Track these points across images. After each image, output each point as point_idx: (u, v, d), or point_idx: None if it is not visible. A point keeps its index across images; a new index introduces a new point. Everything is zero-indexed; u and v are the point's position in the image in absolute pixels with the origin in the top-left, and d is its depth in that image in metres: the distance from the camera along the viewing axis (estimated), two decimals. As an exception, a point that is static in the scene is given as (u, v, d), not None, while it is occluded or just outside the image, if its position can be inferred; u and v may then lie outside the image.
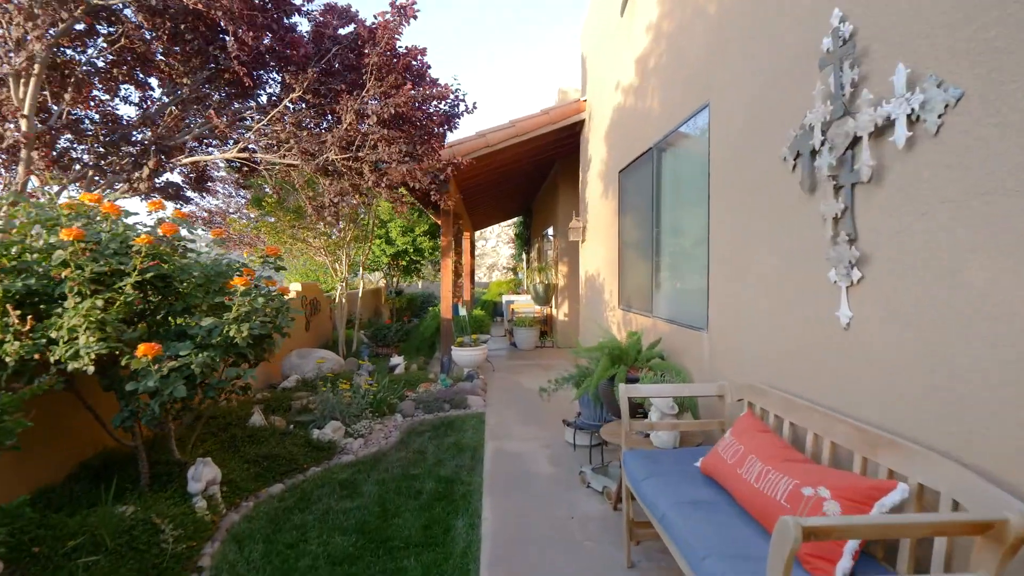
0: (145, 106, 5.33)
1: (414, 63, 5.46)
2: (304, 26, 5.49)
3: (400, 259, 13.59)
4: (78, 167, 5.05)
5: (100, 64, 4.96)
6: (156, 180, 5.40)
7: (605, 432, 3.08)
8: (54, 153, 5.16)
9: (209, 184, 7.75)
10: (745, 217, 2.81)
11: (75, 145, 5.28)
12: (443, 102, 5.68)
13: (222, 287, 3.18)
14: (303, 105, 5.45)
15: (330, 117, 5.63)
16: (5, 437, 1.98)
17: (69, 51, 4.89)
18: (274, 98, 5.59)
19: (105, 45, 4.83)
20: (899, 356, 1.74)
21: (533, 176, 11.05)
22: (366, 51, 5.41)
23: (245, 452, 4.05)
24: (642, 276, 4.72)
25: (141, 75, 5.29)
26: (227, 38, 4.46)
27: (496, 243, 31.84)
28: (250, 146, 5.33)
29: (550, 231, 11.13)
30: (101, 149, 4.84)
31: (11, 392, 2.27)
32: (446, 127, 5.94)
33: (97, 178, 5.03)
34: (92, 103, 5.21)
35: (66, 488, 3.24)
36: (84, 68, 4.80)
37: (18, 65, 3.65)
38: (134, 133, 5.02)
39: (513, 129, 7.25)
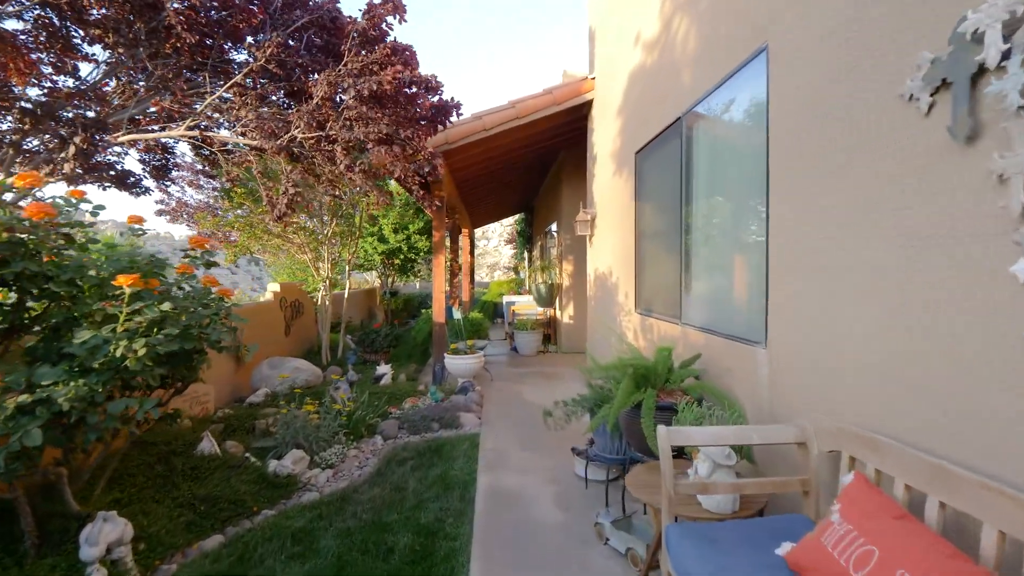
0: (80, 78, 4.57)
1: (406, 53, 4.69)
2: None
3: (394, 257, 12.84)
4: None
5: (24, 24, 4.20)
6: (95, 160, 4.64)
7: (633, 484, 2.30)
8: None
9: (173, 173, 6.99)
10: (829, 191, 2.02)
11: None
12: (431, 94, 4.92)
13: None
14: (265, 80, 4.68)
15: (303, 97, 4.89)
16: None
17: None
18: (234, 68, 4.83)
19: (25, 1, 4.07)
20: None
21: (535, 167, 10.27)
22: (346, 20, 4.68)
23: (181, 492, 3.29)
24: (667, 274, 3.93)
25: (80, 42, 4.53)
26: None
27: (498, 243, 31.07)
28: (203, 124, 4.58)
29: (554, 227, 10.35)
30: (24, 126, 4.08)
31: None
32: (437, 122, 5.16)
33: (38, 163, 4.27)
34: (29, 75, 4.46)
35: (-74, 552, 2.47)
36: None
37: None
38: (66, 107, 4.26)
39: (513, 111, 6.48)
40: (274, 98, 5.15)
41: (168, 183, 6.26)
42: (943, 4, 1.51)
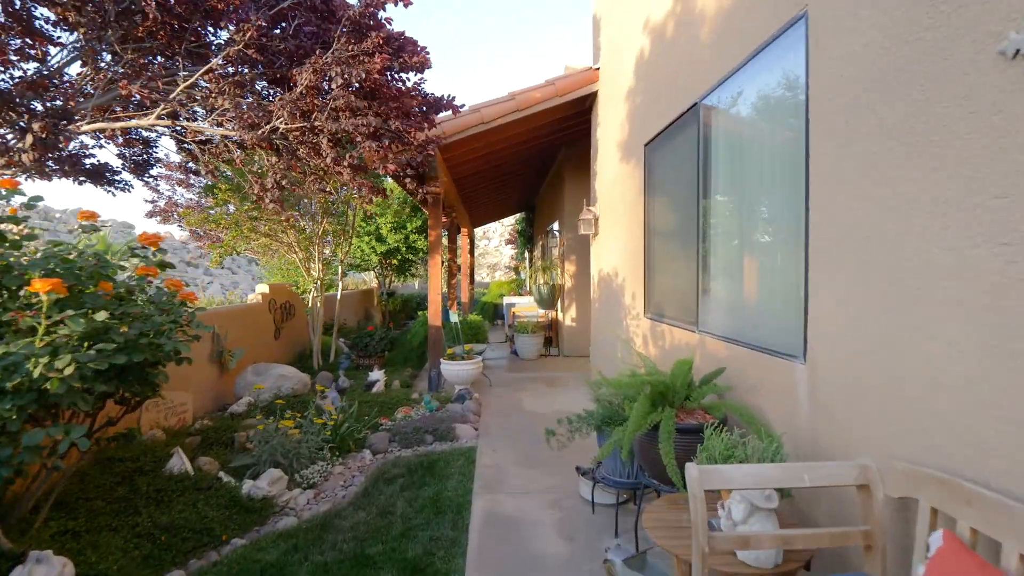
0: (47, 63, 4.23)
1: (400, 41, 4.37)
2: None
3: (392, 257, 12.51)
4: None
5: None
6: (67, 152, 4.30)
7: (653, 525, 1.95)
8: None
9: (163, 172, 6.64)
10: (888, 180, 1.68)
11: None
12: (419, 72, 4.59)
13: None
14: (245, 68, 4.34)
15: (287, 86, 4.55)
16: None
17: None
18: (214, 52, 4.49)
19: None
20: None
21: (536, 164, 9.93)
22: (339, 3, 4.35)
23: (142, 519, 2.95)
24: (681, 276, 3.58)
25: (44, 24, 4.20)
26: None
27: (499, 243, 30.72)
28: (180, 114, 4.24)
29: (555, 226, 10.01)
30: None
31: None
32: (427, 116, 4.83)
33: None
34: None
35: None
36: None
37: None
38: (25, 94, 3.92)
39: (513, 103, 6.14)
40: (258, 87, 4.83)
41: (151, 179, 5.91)
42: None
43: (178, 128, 4.07)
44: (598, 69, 6.36)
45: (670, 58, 3.80)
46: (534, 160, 9.53)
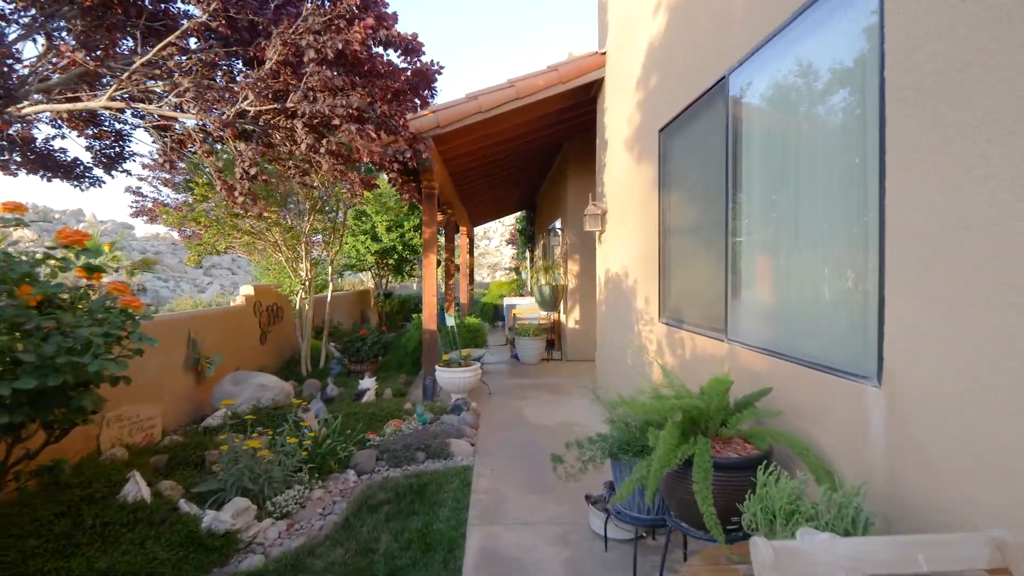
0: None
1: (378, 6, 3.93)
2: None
3: (388, 257, 12.08)
4: None
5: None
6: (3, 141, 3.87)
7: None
8: None
9: (123, 162, 6.19)
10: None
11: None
12: (412, 56, 4.13)
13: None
14: (215, 43, 3.90)
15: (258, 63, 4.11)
16: None
17: None
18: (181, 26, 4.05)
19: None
20: None
21: (538, 158, 9.50)
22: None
23: (78, 563, 2.51)
24: (706, 276, 3.15)
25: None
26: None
27: (499, 243, 30.27)
28: (148, 98, 3.81)
29: (557, 223, 9.57)
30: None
31: None
32: (419, 92, 4.38)
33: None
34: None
35: None
36: None
37: None
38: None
39: (512, 90, 5.71)
40: (233, 68, 4.40)
41: (125, 174, 5.47)
42: None
43: (135, 111, 3.64)
44: (604, 54, 5.92)
45: (692, 28, 3.36)
46: (536, 154, 9.10)
